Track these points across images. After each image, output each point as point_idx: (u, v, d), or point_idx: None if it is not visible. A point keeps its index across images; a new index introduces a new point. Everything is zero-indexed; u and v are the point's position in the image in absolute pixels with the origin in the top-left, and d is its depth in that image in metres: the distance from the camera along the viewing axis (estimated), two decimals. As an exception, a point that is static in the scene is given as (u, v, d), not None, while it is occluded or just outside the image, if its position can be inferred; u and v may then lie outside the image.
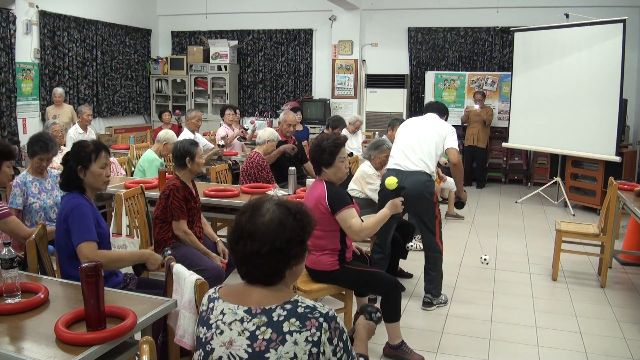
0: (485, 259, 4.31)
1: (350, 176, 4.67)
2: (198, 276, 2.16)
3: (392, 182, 3.15)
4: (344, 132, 6.98)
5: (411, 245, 5.11)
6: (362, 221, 3.02)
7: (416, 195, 3.63)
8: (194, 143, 3.58)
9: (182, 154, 3.50)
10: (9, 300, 2.05)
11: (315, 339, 1.41)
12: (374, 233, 3.05)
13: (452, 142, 3.87)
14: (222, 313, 1.50)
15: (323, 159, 3.01)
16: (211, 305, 1.54)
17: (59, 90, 7.55)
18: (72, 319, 1.89)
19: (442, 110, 4.15)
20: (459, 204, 4.37)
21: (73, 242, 2.48)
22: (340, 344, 1.46)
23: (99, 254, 2.49)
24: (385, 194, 3.72)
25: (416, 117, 4.16)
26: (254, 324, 1.44)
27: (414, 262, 4.55)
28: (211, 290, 1.60)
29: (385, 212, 3.02)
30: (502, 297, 4.18)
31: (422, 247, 5.22)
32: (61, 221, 2.53)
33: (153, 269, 2.70)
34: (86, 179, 2.55)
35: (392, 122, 5.68)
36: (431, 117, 4.05)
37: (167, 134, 5.28)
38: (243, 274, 1.54)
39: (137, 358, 2.04)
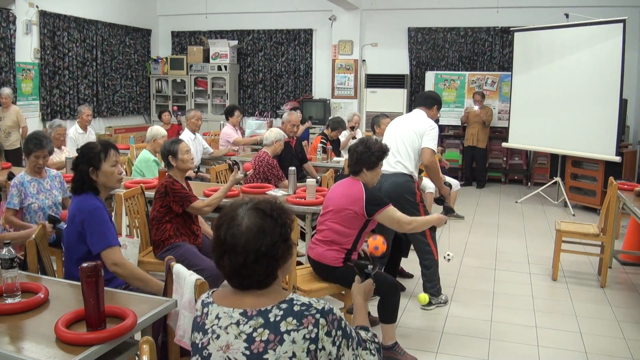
0: (448, 256, 4.09)
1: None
2: (198, 276, 2.16)
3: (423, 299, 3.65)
4: (346, 131, 6.98)
5: None
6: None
7: (395, 197, 3.59)
8: (176, 141, 3.64)
9: (165, 153, 3.57)
10: (9, 300, 2.05)
11: (313, 335, 1.41)
12: (419, 230, 3.28)
13: (428, 142, 3.77)
14: (218, 317, 1.48)
15: (370, 161, 3.11)
16: (205, 310, 1.52)
17: (5, 91, 6.78)
18: (72, 319, 1.89)
19: (428, 101, 3.99)
20: (439, 200, 4.33)
21: (92, 246, 2.46)
22: (339, 332, 1.46)
23: (128, 263, 2.50)
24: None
25: (402, 116, 4.09)
26: (250, 326, 1.43)
27: (415, 263, 4.54)
28: (204, 295, 1.58)
29: (433, 217, 3.25)
30: (502, 297, 4.18)
31: None
32: (74, 223, 2.51)
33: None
34: (99, 179, 2.55)
35: (375, 120, 5.70)
36: (414, 115, 3.97)
37: (152, 130, 5.18)
38: (235, 285, 1.51)
39: (137, 358, 2.04)
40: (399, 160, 3.79)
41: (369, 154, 3.10)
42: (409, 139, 3.81)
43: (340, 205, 3.07)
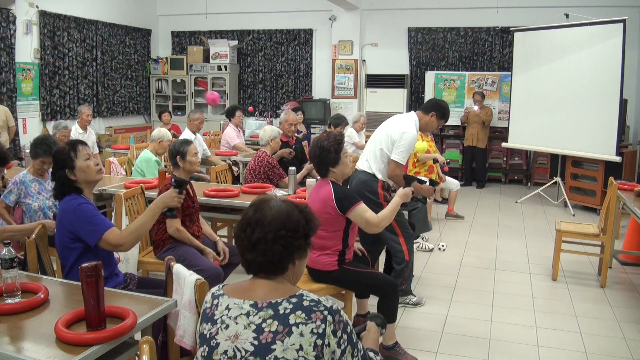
0: (443, 246, 5.05)
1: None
2: (198, 276, 2.16)
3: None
4: (352, 130, 6.98)
5: (417, 245, 5.12)
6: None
7: (359, 193, 3.51)
8: (186, 142, 3.60)
9: (174, 153, 3.53)
10: (9, 300, 2.04)
11: (320, 331, 1.45)
12: (390, 222, 3.09)
13: (397, 154, 3.66)
14: (228, 308, 1.52)
15: (330, 158, 3.05)
16: (215, 302, 1.56)
17: None
18: (72, 319, 1.89)
19: (426, 106, 3.90)
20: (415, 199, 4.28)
21: (88, 239, 2.45)
22: (345, 336, 1.49)
23: (124, 234, 2.49)
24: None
25: (393, 116, 4.01)
26: (260, 317, 1.47)
27: (415, 262, 4.54)
28: (215, 288, 1.62)
29: (397, 200, 3.07)
30: (502, 297, 4.18)
31: (429, 247, 5.25)
32: (63, 225, 2.51)
33: (177, 204, 2.84)
34: (78, 177, 2.55)
35: None
36: (400, 117, 3.90)
37: (159, 132, 5.24)
38: (248, 262, 1.57)
39: (137, 358, 2.05)
40: (367, 158, 3.79)
41: (326, 153, 3.05)
42: (382, 141, 3.75)
43: (315, 210, 3.02)
